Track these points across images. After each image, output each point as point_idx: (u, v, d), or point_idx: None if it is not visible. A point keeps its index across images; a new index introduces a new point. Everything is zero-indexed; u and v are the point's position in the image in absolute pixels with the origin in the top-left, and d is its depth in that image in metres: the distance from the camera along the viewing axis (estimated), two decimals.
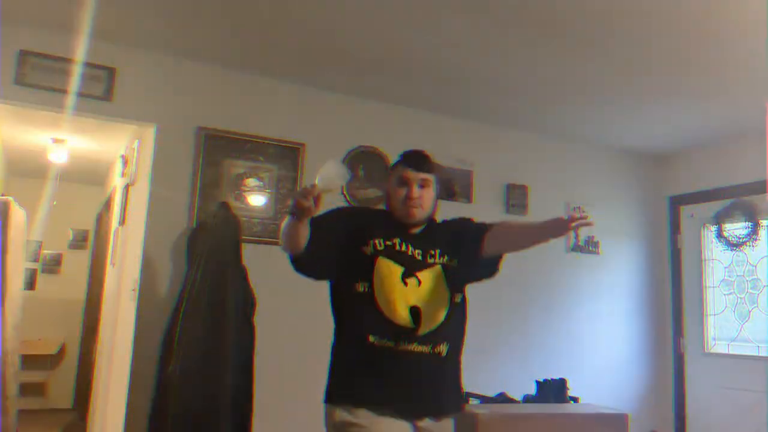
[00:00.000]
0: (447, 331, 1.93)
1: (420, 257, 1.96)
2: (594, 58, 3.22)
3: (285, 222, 1.83)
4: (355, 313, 1.92)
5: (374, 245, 1.93)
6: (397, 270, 1.91)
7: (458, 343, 2.01)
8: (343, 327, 1.98)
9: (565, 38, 3.00)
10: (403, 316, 1.87)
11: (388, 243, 1.95)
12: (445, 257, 2.00)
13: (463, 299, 2.04)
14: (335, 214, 2.04)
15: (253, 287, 3.21)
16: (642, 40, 2.98)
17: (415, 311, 1.89)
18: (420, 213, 1.99)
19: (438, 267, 1.97)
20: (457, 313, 1.99)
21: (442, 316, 1.92)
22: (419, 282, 1.92)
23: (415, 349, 1.86)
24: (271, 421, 3.23)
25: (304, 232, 1.80)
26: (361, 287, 1.90)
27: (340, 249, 1.93)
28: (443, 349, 1.91)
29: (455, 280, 2.00)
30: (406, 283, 1.90)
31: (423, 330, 1.88)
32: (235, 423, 2.98)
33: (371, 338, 1.86)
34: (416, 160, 2.02)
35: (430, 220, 2.08)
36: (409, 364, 1.87)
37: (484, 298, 4.13)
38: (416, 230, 2.03)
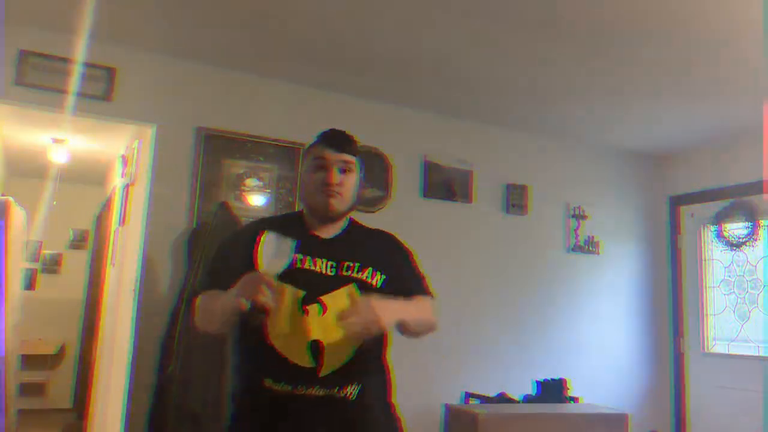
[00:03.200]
0: (358, 369, 1.56)
1: (332, 270, 1.60)
2: (594, 59, 3.22)
3: (208, 301, 1.59)
4: (249, 352, 1.60)
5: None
6: (296, 295, 1.54)
7: (376, 382, 1.63)
8: (239, 369, 1.64)
9: (566, 38, 3.00)
10: (301, 354, 1.52)
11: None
12: (367, 272, 1.61)
13: None
14: (229, 243, 1.78)
15: None
16: (642, 40, 2.98)
17: (315, 347, 1.52)
18: (339, 203, 1.63)
19: (352, 286, 1.58)
20: (372, 344, 1.58)
21: (350, 350, 1.54)
22: (323, 308, 1.54)
23: (317, 394, 1.50)
24: None
25: (233, 320, 1.53)
26: (256, 319, 1.48)
27: (239, 275, 1.48)
28: (351, 391, 1.54)
29: None
30: (305, 312, 1.53)
31: (325, 369, 1.52)
32: None
33: (267, 382, 1.52)
34: (337, 138, 1.67)
35: (351, 224, 1.74)
36: (309, 413, 1.51)
37: (484, 298, 4.16)
38: (331, 234, 1.67)
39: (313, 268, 1.59)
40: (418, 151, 4.04)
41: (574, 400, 3.68)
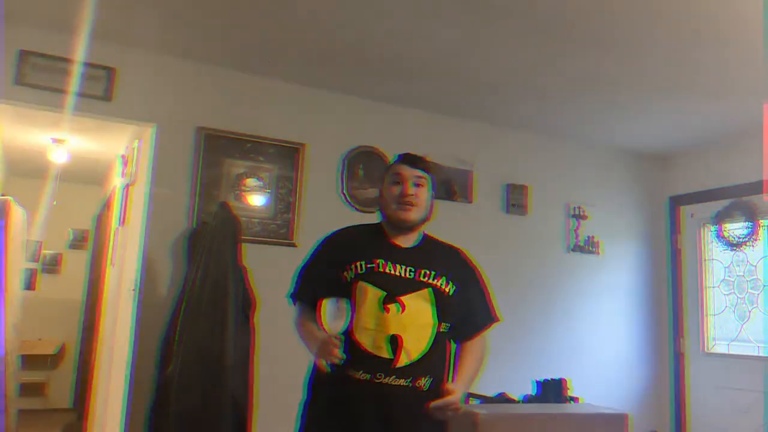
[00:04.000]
0: (430, 363, 1.76)
1: (410, 275, 1.81)
2: (594, 59, 3.22)
3: (305, 331, 1.85)
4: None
5: (354, 269, 1.80)
6: (377, 295, 1.75)
7: (442, 377, 1.83)
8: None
9: (566, 39, 3.00)
10: (380, 346, 1.72)
11: (370, 265, 1.80)
12: (441, 280, 1.83)
13: (450, 329, 1.86)
14: (318, 255, 1.95)
15: (252, 287, 3.21)
16: (642, 40, 2.98)
17: (394, 341, 1.72)
18: (415, 214, 1.86)
19: (428, 291, 1.80)
20: (442, 343, 1.83)
21: (424, 346, 1.76)
22: (401, 308, 1.75)
23: (393, 383, 1.71)
24: (270, 421, 3.22)
25: None
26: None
27: (326, 279, 1.83)
28: (424, 383, 1.74)
29: (445, 309, 1.82)
30: (386, 310, 1.74)
31: (402, 361, 1.72)
32: (235, 423, 2.98)
33: (350, 371, 1.71)
34: (412, 157, 1.94)
35: (426, 237, 1.96)
36: (386, 399, 1.71)
37: None
38: (409, 244, 1.89)
39: (392, 272, 1.80)
40: (418, 151, 4.01)
41: (574, 400, 3.67)
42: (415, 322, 1.75)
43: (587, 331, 4.47)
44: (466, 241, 4.08)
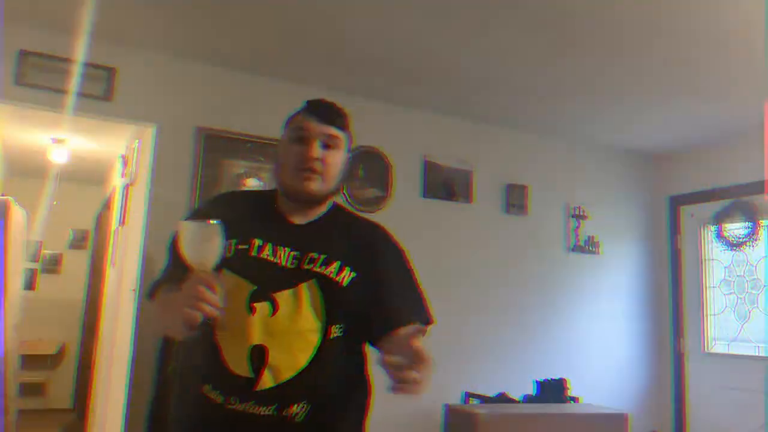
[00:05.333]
0: (309, 385, 1.26)
1: (292, 263, 1.31)
2: (594, 59, 3.22)
3: (164, 311, 1.29)
4: (190, 352, 1.34)
5: (224, 253, 1.23)
6: (245, 289, 1.27)
7: (337, 400, 1.32)
8: (180, 369, 1.41)
9: (566, 39, 3.00)
10: (238, 359, 1.25)
11: (242, 247, 1.31)
12: (334, 267, 1.32)
13: (347, 331, 1.32)
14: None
15: None
16: (642, 40, 2.98)
17: (256, 354, 1.24)
18: (319, 184, 1.35)
19: (313, 282, 1.30)
20: (333, 353, 1.30)
21: (302, 361, 1.26)
22: (274, 308, 1.27)
23: (250, 411, 1.23)
24: None
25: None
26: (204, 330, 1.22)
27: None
28: (298, 411, 1.25)
29: (335, 306, 1.31)
30: (253, 309, 1.26)
31: (265, 383, 1.24)
32: None
33: (203, 386, 1.27)
34: (323, 108, 1.41)
35: (334, 209, 1.45)
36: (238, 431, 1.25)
37: (484, 298, 4.15)
38: (304, 220, 1.39)
39: (271, 258, 1.31)
40: (418, 151, 4.04)
41: (574, 400, 3.68)
42: (290, 328, 1.26)
43: (587, 331, 4.47)
44: (466, 241, 4.13)
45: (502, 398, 3.64)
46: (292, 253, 1.33)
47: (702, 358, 4.57)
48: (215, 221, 1.14)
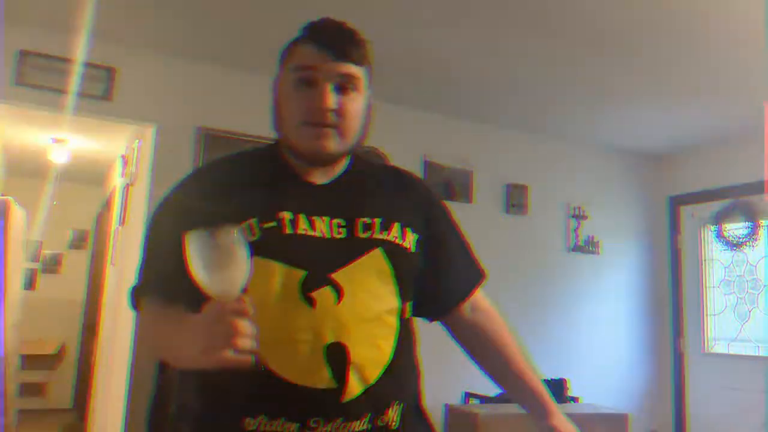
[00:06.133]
0: (399, 378, 1.02)
1: (340, 232, 1.03)
2: (594, 59, 3.21)
3: (161, 338, 1.01)
4: (218, 375, 0.87)
5: (247, 236, 0.96)
6: (293, 277, 0.97)
7: (416, 395, 1.11)
8: (196, 399, 1.04)
9: (565, 39, 3.00)
10: (314, 370, 0.95)
11: (269, 224, 1.00)
12: (395, 229, 1.06)
13: (414, 308, 1.12)
14: (170, 207, 1.14)
15: None
16: (642, 40, 2.98)
17: (335, 356, 0.96)
18: (336, 143, 1.05)
19: (378, 252, 1.03)
20: (410, 338, 1.10)
21: (387, 350, 1.01)
22: (338, 292, 0.98)
23: (340, 430, 0.95)
24: None
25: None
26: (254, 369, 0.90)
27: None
28: (393, 416, 1.01)
29: (407, 278, 1.07)
30: (312, 302, 0.97)
31: (353, 390, 0.96)
32: None
33: (250, 424, 0.95)
34: (334, 36, 1.12)
35: (355, 162, 1.16)
36: None
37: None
38: (326, 178, 1.10)
39: (310, 232, 1.01)
40: (418, 151, 4.04)
41: (574, 400, 3.67)
42: (365, 313, 0.99)
43: (587, 331, 4.47)
44: None
45: (502, 398, 3.64)
46: (335, 220, 1.03)
47: (702, 358, 4.57)
48: (234, 229, 0.85)
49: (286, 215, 1.01)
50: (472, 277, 1.21)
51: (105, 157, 5.47)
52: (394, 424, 1.00)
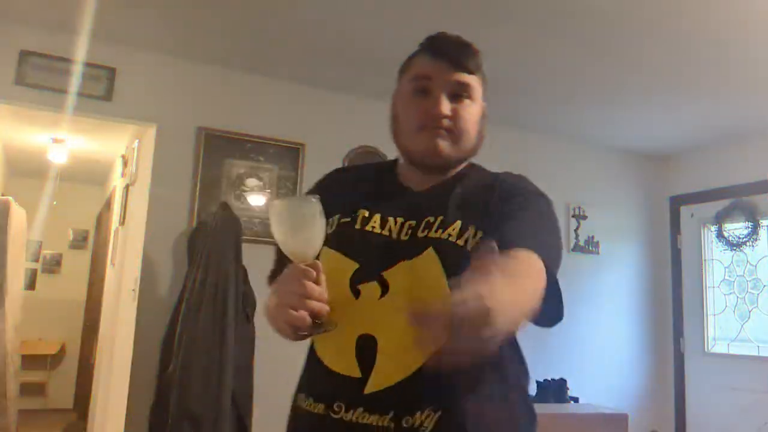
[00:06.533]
0: (434, 384, 0.97)
1: (406, 233, 1.05)
2: (595, 58, 3.21)
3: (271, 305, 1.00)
4: (296, 357, 1.13)
5: (329, 226, 1.08)
6: (347, 268, 1.04)
7: (483, 403, 1.01)
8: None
9: (566, 38, 3.00)
10: (342, 355, 1.01)
11: (346, 219, 1.09)
12: (454, 228, 1.03)
13: None
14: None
15: (253, 287, 3.21)
16: (643, 40, 2.98)
17: (364, 347, 1.00)
18: (450, 147, 1.09)
19: (430, 251, 1.02)
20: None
21: (426, 351, 0.93)
22: (384, 287, 1.01)
23: (360, 421, 0.97)
24: (271, 421, 3.22)
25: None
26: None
27: None
28: (423, 420, 0.96)
29: (459, 272, 0.87)
30: (357, 293, 1.02)
31: (376, 383, 0.98)
32: (235, 423, 2.98)
33: (298, 398, 1.08)
34: (449, 46, 1.12)
35: (467, 169, 1.18)
36: None
37: None
38: (426, 185, 1.13)
39: (378, 230, 1.06)
40: None
41: (574, 400, 3.68)
42: (404, 311, 0.93)
43: (587, 331, 4.47)
44: None
45: None
46: (408, 222, 1.06)
47: (702, 358, 4.57)
48: (314, 197, 0.94)
49: (363, 212, 1.09)
50: (511, 238, 0.96)
51: (105, 157, 5.47)
52: (424, 429, 0.95)
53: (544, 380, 3.66)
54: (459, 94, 1.10)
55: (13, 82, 3.04)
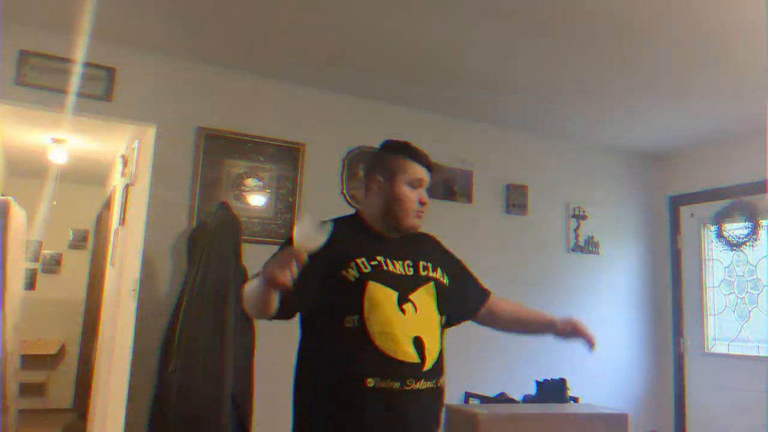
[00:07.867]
0: (444, 360, 1.73)
1: (411, 270, 1.72)
2: (594, 58, 3.22)
3: (251, 285, 1.61)
4: (347, 352, 1.61)
5: (358, 267, 1.64)
6: (392, 296, 1.64)
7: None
8: (326, 369, 1.67)
9: (566, 38, 3.00)
10: (407, 351, 1.61)
11: (373, 262, 1.67)
12: (438, 272, 1.77)
13: (446, 320, 1.79)
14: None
15: None
16: (642, 40, 2.98)
17: (419, 343, 1.63)
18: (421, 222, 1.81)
19: (431, 285, 1.73)
20: (444, 337, 1.78)
21: (439, 343, 1.71)
22: (416, 308, 1.66)
23: (423, 387, 1.62)
24: (271, 421, 3.22)
25: (275, 300, 1.55)
26: (350, 321, 1.60)
27: (320, 278, 1.61)
28: (443, 381, 1.72)
29: (445, 302, 1.76)
30: (403, 311, 1.64)
31: (429, 364, 1.64)
32: (235, 423, 2.98)
33: (370, 381, 1.58)
34: (428, 160, 1.80)
35: None
36: (416, 406, 1.63)
37: None
38: (395, 235, 1.79)
39: (395, 269, 1.69)
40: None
41: (574, 400, 3.68)
42: (429, 320, 1.68)
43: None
44: (466, 241, 4.10)
45: (502, 398, 3.64)
46: (407, 262, 1.72)
47: (702, 358, 4.57)
48: (326, 224, 1.48)
49: (381, 258, 1.68)
50: (481, 297, 1.99)
51: (105, 157, 5.47)
52: (443, 386, 1.72)
53: (544, 380, 3.66)
54: (427, 188, 1.80)
55: (13, 82, 3.04)
